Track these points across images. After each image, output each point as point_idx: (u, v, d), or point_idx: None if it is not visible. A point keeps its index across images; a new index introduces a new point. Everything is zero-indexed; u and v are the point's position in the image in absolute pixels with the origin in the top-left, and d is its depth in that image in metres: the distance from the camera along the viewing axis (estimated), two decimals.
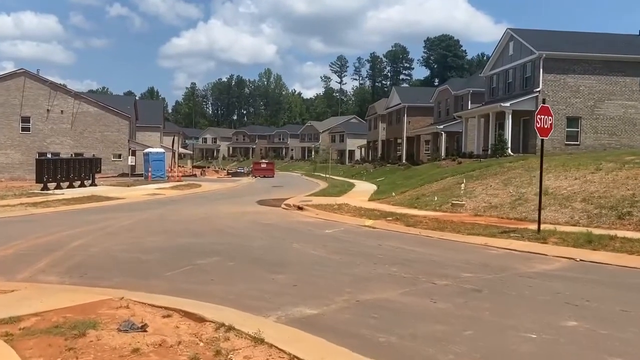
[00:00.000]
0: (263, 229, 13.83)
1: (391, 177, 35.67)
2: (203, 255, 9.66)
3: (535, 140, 28.62)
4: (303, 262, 9.10)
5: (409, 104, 50.23)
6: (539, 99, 28.48)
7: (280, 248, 10.65)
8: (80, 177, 28.51)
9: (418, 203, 19.08)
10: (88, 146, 45.97)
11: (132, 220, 15.45)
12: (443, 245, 11.11)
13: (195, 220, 15.59)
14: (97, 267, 8.84)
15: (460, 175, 22.52)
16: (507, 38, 32.51)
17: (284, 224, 15.11)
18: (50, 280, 7.93)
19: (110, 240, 11.52)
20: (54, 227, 13.62)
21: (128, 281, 7.80)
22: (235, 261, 9.19)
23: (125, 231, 13.14)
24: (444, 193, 19.85)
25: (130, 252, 10.16)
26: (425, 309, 6.13)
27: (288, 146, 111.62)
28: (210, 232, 13.14)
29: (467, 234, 12.37)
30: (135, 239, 11.72)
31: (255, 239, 11.79)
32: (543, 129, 11.44)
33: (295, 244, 11.01)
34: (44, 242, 11.26)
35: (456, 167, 27.99)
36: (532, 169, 20.24)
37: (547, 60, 28.41)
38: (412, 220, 14.59)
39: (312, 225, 14.67)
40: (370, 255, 9.82)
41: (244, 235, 12.57)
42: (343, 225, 14.60)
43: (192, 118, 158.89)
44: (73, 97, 46.84)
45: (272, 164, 57.25)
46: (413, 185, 24.41)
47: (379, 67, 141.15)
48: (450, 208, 17.41)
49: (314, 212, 17.84)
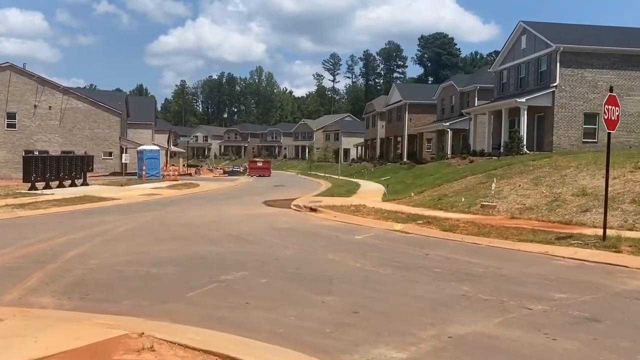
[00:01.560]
0: (283, 234, 12.30)
1: (397, 177, 34.25)
2: (226, 269, 8.13)
3: (552, 137, 27.43)
4: (350, 279, 7.59)
5: (410, 100, 48.80)
6: (556, 94, 27.28)
7: (315, 259, 9.12)
8: (71, 176, 26.68)
9: (442, 204, 17.65)
10: (77, 144, 44.03)
11: (132, 224, 13.84)
12: (498, 255, 9.67)
13: (203, 224, 14.01)
14: (100, 284, 7.28)
15: (481, 174, 21.14)
16: (519, 31, 31.19)
17: (304, 228, 13.59)
18: (45, 304, 6.37)
19: (112, 249, 9.93)
20: (46, 233, 11.98)
21: (142, 305, 6.26)
22: (267, 277, 7.67)
23: (127, 238, 11.54)
24: (468, 193, 18.45)
25: (138, 264, 8.59)
26: (550, 350, 4.65)
27: (281, 145, 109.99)
28: (225, 238, 11.59)
29: (518, 240, 10.96)
30: (140, 248, 10.14)
31: (280, 248, 10.25)
32: (610, 121, 10.00)
33: (330, 254, 9.50)
34: (35, 252, 9.65)
35: (470, 165, 26.63)
36: (560, 168, 18.92)
37: (564, 54, 27.13)
38: (447, 224, 13.14)
39: (336, 230, 13.17)
40: (424, 268, 8.35)
41: (265, 242, 11.04)
42: (370, 230, 13.10)
43: (182, 116, 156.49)
44: (61, 92, 44.85)
45: (269, 162, 55.62)
46: (428, 184, 22.99)
47: (372, 65, 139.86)
48: (480, 210, 15.99)
49: (331, 215, 16.33)
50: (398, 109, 51.43)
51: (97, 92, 49.41)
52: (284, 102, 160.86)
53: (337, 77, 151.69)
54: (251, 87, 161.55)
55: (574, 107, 27.39)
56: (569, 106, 27.35)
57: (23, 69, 44.40)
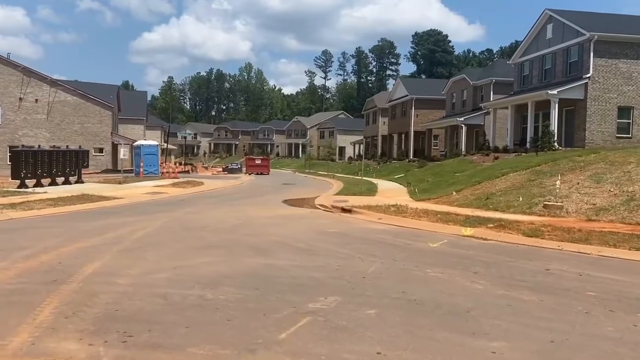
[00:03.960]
0: (340, 241, 10.18)
1: (412, 175, 32.32)
2: (307, 292, 6.02)
3: (584, 132, 25.69)
4: (490, 309, 5.51)
5: (417, 95, 46.86)
6: (589, 86, 25.54)
7: (413, 278, 7.02)
8: (64, 172, 24.15)
9: (492, 204, 15.68)
10: (66, 139, 41.23)
11: (149, 228, 11.62)
12: (635, 270, 7.70)
13: (233, 228, 11.83)
14: (143, 318, 5.12)
15: (524, 170, 19.23)
16: (544, 20, 29.37)
17: (356, 232, 11.48)
18: (72, 353, 4.22)
19: (139, 263, 7.75)
20: (46, 240, 9.73)
21: (219, 356, 4.15)
22: (372, 305, 5.56)
23: (150, 246, 9.33)
24: (519, 192, 16.51)
25: (183, 285, 6.44)
26: None
27: (273, 142, 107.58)
28: (273, 246, 9.44)
29: (631, 248, 9.03)
30: (174, 261, 7.97)
31: (353, 260, 8.14)
32: None
33: (428, 270, 7.41)
34: (39, 266, 7.43)
35: (498, 162, 24.75)
36: (617, 164, 17.07)
37: (597, 43, 25.36)
38: (527, 228, 11.15)
39: (395, 235, 11.09)
40: (571, 291, 6.30)
41: (326, 252, 8.92)
42: (436, 236, 11.05)
43: (170, 113, 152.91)
44: (49, 84, 42.04)
45: (267, 160, 53.25)
46: (461, 182, 21.03)
47: (364, 63, 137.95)
48: (544, 210, 14.05)
49: (373, 217, 14.25)
50: (403, 105, 49.46)
51: (88, 85, 46.58)
52: (274, 99, 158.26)
53: (329, 74, 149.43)
54: (240, 84, 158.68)
55: (607, 100, 25.64)
56: (602, 99, 25.59)
57: (7, 59, 41.55)
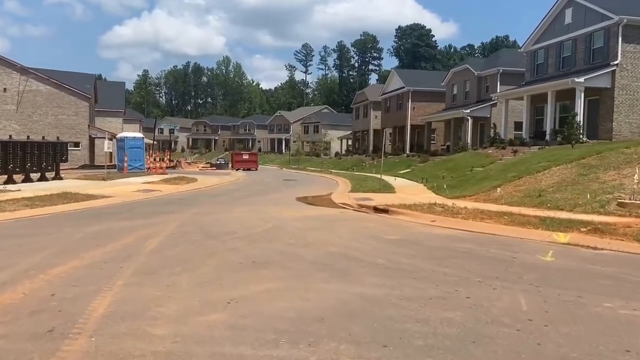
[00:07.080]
0: (417, 253, 7.86)
1: (419, 170, 30.30)
2: (466, 356, 3.70)
3: (612, 123, 23.94)
4: None
5: (414, 87, 44.79)
6: (617, 74, 23.78)
7: (581, 317, 4.74)
8: (40, 167, 21.19)
9: (549, 202, 13.57)
10: (38, 132, 37.84)
11: (159, 237, 9.10)
12: None
13: (270, 235, 9.40)
14: None
15: (568, 164, 17.25)
16: (562, 4, 27.53)
17: (424, 240, 9.17)
18: None
19: (170, 294, 5.29)
20: (29, 254, 7.16)
21: None
22: None
23: (175, 263, 6.85)
24: (575, 188, 14.47)
25: (255, 336, 4.03)
26: None
27: (255, 137, 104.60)
28: (342, 263, 7.06)
29: None
30: (221, 290, 5.54)
31: (470, 285, 5.82)
32: None
33: (610, 304, 5.15)
34: (23, 302, 4.91)
35: (521, 157, 22.81)
36: None
37: (626, 27, 23.59)
38: (631, 232, 9.05)
39: (472, 243, 8.83)
40: None
41: (417, 271, 6.59)
42: (530, 244, 8.85)
43: (145, 108, 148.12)
44: (19, 72, 38.64)
45: (256, 155, 50.53)
46: (495, 178, 18.95)
47: (346, 57, 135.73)
48: (621, 209, 12.00)
49: (422, 218, 11.98)
50: (399, 97, 47.34)
51: (62, 74, 43.15)
52: (252, 94, 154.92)
53: (310, 68, 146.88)
54: (218, 77, 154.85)
55: (636, 89, 23.92)
56: (630, 88, 23.86)
57: None
